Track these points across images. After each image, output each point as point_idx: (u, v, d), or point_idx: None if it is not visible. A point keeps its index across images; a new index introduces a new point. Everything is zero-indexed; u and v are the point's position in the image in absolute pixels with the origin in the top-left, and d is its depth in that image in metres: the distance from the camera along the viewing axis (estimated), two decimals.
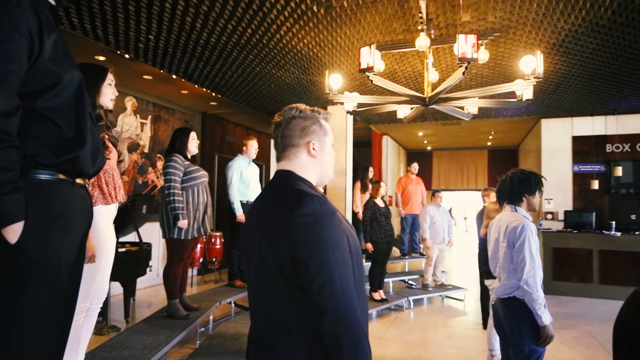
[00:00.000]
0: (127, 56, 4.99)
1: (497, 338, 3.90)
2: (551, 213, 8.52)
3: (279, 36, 4.56)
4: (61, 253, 1.20)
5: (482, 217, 5.09)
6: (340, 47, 4.92)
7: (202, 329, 4.20)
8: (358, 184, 7.06)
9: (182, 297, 3.82)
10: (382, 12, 4.01)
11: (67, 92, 1.18)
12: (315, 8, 3.94)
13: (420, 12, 3.53)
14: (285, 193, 1.27)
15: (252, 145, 4.84)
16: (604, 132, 8.34)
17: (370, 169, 7.17)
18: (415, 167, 7.72)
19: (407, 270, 7.49)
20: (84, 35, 4.35)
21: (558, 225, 8.16)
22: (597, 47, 4.77)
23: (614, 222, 7.22)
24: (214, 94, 6.72)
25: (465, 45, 3.11)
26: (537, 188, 2.59)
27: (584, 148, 8.48)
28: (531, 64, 3.49)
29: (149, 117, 6.82)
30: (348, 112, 4.66)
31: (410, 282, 7.05)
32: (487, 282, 3.96)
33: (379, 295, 5.77)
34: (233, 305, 4.60)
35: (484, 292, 5.14)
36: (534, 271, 2.37)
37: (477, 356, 4.22)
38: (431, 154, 13.84)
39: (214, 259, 7.44)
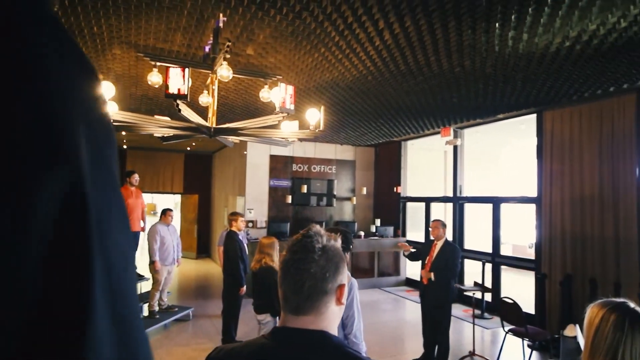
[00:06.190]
0: None
1: None
2: (252, 221, 9.55)
3: None
4: None
5: (235, 241, 5.17)
6: (89, 37, 3.78)
7: None
8: None
9: None
10: (175, 20, 3.40)
11: None
12: None
13: (230, 42, 3.23)
14: None
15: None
16: (292, 154, 10.11)
17: None
18: (136, 178, 6.85)
19: None
20: None
21: (258, 233, 9.25)
22: (330, 99, 5.78)
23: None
24: None
25: (285, 94, 3.11)
26: (351, 244, 2.94)
27: (278, 166, 9.99)
28: (315, 117, 3.87)
29: None
30: None
31: None
32: (259, 317, 4.08)
33: None
34: None
35: (228, 317, 5.25)
36: (360, 324, 2.68)
37: None
38: (125, 153, 12.59)
39: None
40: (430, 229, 5.04)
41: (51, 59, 0.26)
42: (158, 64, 3.48)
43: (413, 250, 5.21)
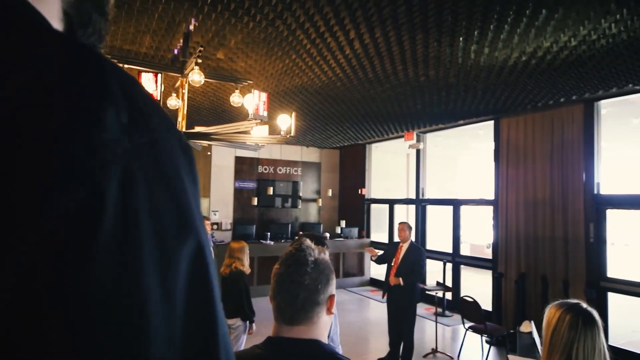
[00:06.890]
0: None
1: None
2: (217, 224, 9.43)
3: None
4: None
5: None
6: None
7: None
8: None
9: None
10: (145, 23, 3.34)
11: None
12: None
13: (202, 46, 3.22)
14: None
15: None
16: (257, 155, 10.06)
17: None
18: None
19: None
20: None
21: (224, 235, 9.15)
22: (299, 103, 5.83)
23: (268, 233, 8.88)
24: None
25: (258, 101, 3.14)
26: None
27: (243, 167, 9.92)
28: (286, 123, 3.91)
29: None
30: None
31: None
32: (230, 322, 4.06)
33: None
34: None
35: None
36: (337, 328, 2.75)
37: None
38: None
39: None
40: (397, 231, 5.20)
41: (165, 137, 0.28)
42: (126, 66, 3.41)
43: (380, 253, 5.35)
